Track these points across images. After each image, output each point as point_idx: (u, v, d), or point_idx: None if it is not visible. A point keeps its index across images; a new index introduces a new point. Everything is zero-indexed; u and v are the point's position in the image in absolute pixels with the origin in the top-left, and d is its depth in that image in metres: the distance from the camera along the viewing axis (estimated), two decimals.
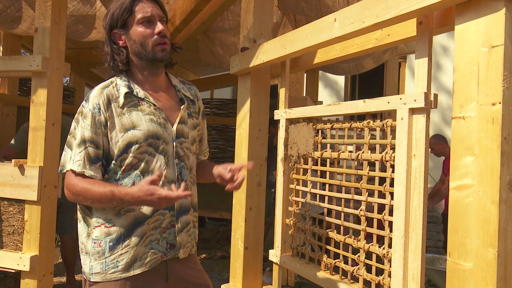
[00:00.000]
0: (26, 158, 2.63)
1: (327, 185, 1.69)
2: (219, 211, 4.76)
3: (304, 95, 4.09)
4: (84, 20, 3.34)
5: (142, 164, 1.24)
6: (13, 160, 2.58)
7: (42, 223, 2.58)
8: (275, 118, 2.00)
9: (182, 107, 1.36)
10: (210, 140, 5.35)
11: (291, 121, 1.91)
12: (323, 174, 1.72)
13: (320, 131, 1.73)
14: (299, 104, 3.11)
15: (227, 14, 3.20)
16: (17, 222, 2.64)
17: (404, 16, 1.20)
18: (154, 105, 1.29)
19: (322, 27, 1.53)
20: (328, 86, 7.11)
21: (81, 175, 1.20)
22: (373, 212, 1.44)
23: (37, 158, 2.58)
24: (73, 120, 1.25)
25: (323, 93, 6.75)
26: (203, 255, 4.50)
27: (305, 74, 4.70)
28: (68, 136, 1.25)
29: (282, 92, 1.99)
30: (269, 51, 1.88)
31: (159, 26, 1.27)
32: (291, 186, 1.91)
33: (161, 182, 1.26)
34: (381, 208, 1.41)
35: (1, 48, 4.02)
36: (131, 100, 1.28)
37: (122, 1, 1.27)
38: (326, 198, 1.69)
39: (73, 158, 1.21)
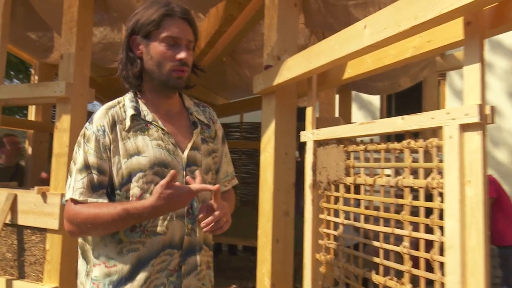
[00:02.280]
0: None
1: (362, 216, 1.46)
2: (251, 239, 4.54)
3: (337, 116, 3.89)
4: (112, 46, 3.36)
5: (147, 196, 1.08)
6: (35, 187, 2.54)
7: (63, 253, 2.49)
8: (301, 140, 1.82)
9: (194, 131, 1.21)
10: (240, 164, 5.21)
11: (319, 143, 1.72)
12: (357, 203, 1.50)
13: (352, 154, 1.53)
14: (331, 126, 2.91)
15: (252, 35, 3.10)
16: (39, 251, 2.57)
17: (448, 15, 1.00)
18: (163, 129, 1.15)
19: (350, 36, 1.35)
20: (363, 108, 6.84)
21: (83, 203, 1.06)
22: (418, 250, 1.20)
23: (59, 185, 2.52)
24: (76, 144, 1.13)
25: (357, 115, 6.49)
26: (234, 286, 4.27)
27: (337, 95, 4.51)
28: (71, 162, 1.12)
29: (309, 112, 1.81)
30: (293, 67, 1.72)
31: (183, 53, 1.13)
32: (321, 216, 1.69)
33: (168, 217, 1.10)
34: (429, 244, 1.17)
35: (37, 77, 4.13)
36: (138, 123, 1.14)
37: (153, 10, 1.12)
38: (361, 230, 1.47)
39: (73, 186, 1.06)
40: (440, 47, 1.28)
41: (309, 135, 1.76)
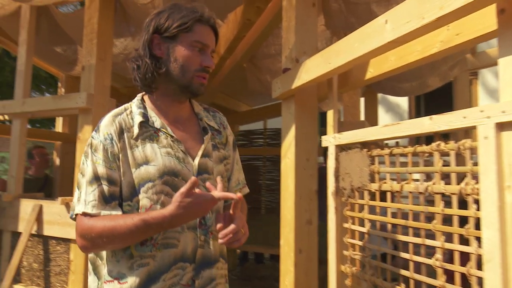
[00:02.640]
0: None
1: (389, 224, 1.36)
2: (277, 247, 4.44)
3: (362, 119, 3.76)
4: None
5: (158, 207, 1.02)
6: (59, 198, 2.57)
7: (86, 263, 2.49)
8: (322, 145, 1.73)
9: (205, 138, 1.15)
10: (264, 171, 5.14)
11: (341, 148, 1.62)
12: (383, 211, 1.40)
13: (377, 159, 1.43)
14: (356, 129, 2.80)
15: (272, 39, 3.04)
16: (64, 262, 2.58)
17: (479, 3, 0.90)
18: (172, 136, 1.09)
19: (370, 32, 1.26)
20: (390, 110, 6.64)
21: (97, 217, 1.01)
22: (452, 263, 1.09)
23: None
24: (83, 155, 1.09)
25: (384, 118, 6.30)
26: None
27: (362, 98, 4.37)
28: (78, 174, 1.08)
29: (330, 115, 1.72)
30: (312, 68, 1.64)
31: (209, 60, 1.11)
32: (345, 225, 1.59)
33: (179, 228, 1.04)
34: (465, 257, 1.06)
35: (63, 90, 4.23)
36: (147, 130, 1.09)
37: (184, 13, 1.08)
38: (389, 241, 1.36)
39: (84, 199, 1.02)
40: (470, 39, 1.17)
41: (330, 140, 1.67)
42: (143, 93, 1.17)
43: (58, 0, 2.64)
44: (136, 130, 1.07)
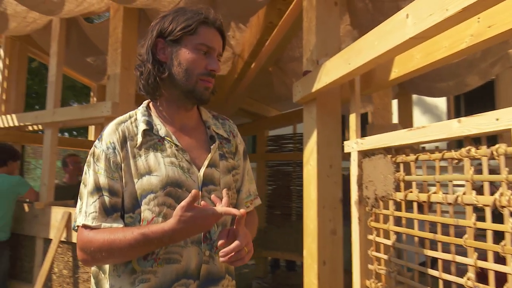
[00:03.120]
0: None
1: (416, 238, 1.24)
2: None
3: (395, 122, 3.58)
4: None
5: (160, 220, 0.97)
6: None
7: None
8: (345, 151, 1.63)
9: (212, 147, 1.09)
10: (295, 177, 5.03)
11: (364, 154, 1.52)
12: (410, 223, 1.28)
13: (402, 165, 1.32)
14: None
15: (296, 42, 2.96)
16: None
17: None
18: (176, 145, 1.04)
19: (391, 28, 1.16)
20: (427, 112, 6.33)
21: (97, 229, 0.98)
22: (487, 283, 0.96)
23: None
24: (85, 164, 1.06)
25: (421, 120, 6.01)
26: None
27: (395, 100, 4.18)
28: (81, 184, 1.05)
29: (352, 119, 1.62)
30: (332, 70, 1.55)
31: (215, 64, 1.05)
32: (370, 237, 1.48)
33: (182, 243, 0.99)
34: (501, 277, 0.94)
35: (95, 99, 4.35)
36: (151, 139, 1.04)
37: (188, 15, 1.04)
38: (416, 256, 1.24)
39: (85, 210, 0.98)
40: (504, 32, 1.04)
41: (353, 145, 1.57)
42: (149, 100, 1.13)
43: (85, 11, 2.70)
44: (139, 138, 1.03)
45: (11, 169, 2.90)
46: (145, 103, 1.13)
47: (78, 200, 1.03)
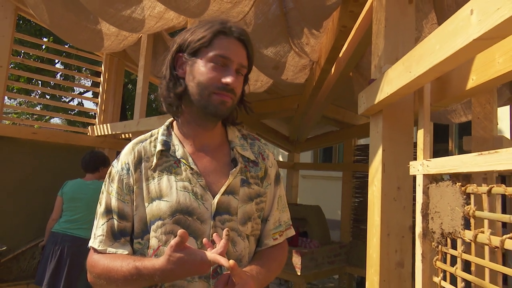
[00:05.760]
0: None
1: None
2: None
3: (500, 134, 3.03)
4: None
5: (165, 250, 0.92)
6: None
7: None
8: (410, 173, 1.39)
9: (231, 172, 0.99)
10: None
11: (432, 178, 1.27)
12: (480, 270, 1.01)
13: (473, 197, 1.06)
14: (489, 148, 2.25)
15: None
16: None
17: None
18: (191, 168, 0.97)
19: (453, 28, 0.94)
20: None
21: (103, 253, 0.97)
22: None
23: None
24: (103, 183, 1.06)
25: None
26: None
27: (505, 108, 3.57)
28: (98, 204, 1.06)
29: (420, 135, 1.38)
30: (394, 79, 1.34)
31: (230, 77, 0.96)
32: (435, 279, 1.23)
33: (188, 277, 0.91)
34: None
35: None
36: (167, 160, 0.99)
37: (207, 27, 1.00)
38: None
39: (94, 232, 0.99)
40: None
41: (418, 167, 1.33)
42: (172, 118, 1.09)
43: (165, 27, 2.84)
44: (154, 160, 0.99)
45: (102, 174, 3.20)
46: (168, 121, 1.10)
47: (95, 219, 1.03)
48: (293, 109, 4.45)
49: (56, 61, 6.92)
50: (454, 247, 1.15)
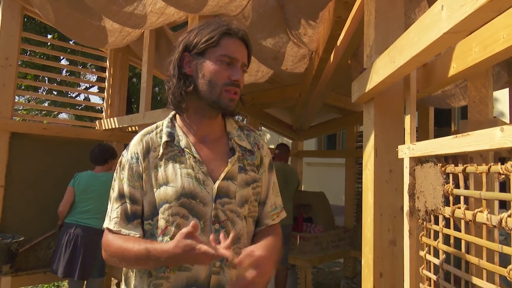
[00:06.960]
0: None
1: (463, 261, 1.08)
2: None
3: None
4: None
5: (173, 229, 1.04)
6: None
7: None
8: (399, 156, 1.49)
9: (230, 159, 1.11)
10: None
11: (417, 161, 1.37)
12: (458, 242, 1.12)
13: (451, 176, 1.15)
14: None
15: None
16: None
17: None
18: (194, 156, 1.09)
19: (428, 22, 1.03)
20: None
21: (118, 234, 1.09)
22: None
23: None
24: (115, 171, 1.18)
25: None
26: None
27: (504, 90, 3.62)
28: (111, 189, 1.17)
29: (407, 121, 1.47)
30: (380, 69, 1.43)
31: (238, 73, 1.08)
32: (421, 253, 1.34)
33: None
34: None
35: None
36: (172, 150, 1.11)
37: (211, 28, 1.09)
38: (463, 282, 1.08)
39: (109, 215, 1.11)
40: None
41: (405, 151, 1.43)
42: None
43: (166, 22, 2.92)
44: (161, 150, 1.10)
45: (111, 166, 3.32)
46: (171, 114, 1.20)
47: (108, 203, 1.15)
48: (295, 98, 4.54)
49: (61, 57, 7.05)
50: (437, 223, 1.26)
